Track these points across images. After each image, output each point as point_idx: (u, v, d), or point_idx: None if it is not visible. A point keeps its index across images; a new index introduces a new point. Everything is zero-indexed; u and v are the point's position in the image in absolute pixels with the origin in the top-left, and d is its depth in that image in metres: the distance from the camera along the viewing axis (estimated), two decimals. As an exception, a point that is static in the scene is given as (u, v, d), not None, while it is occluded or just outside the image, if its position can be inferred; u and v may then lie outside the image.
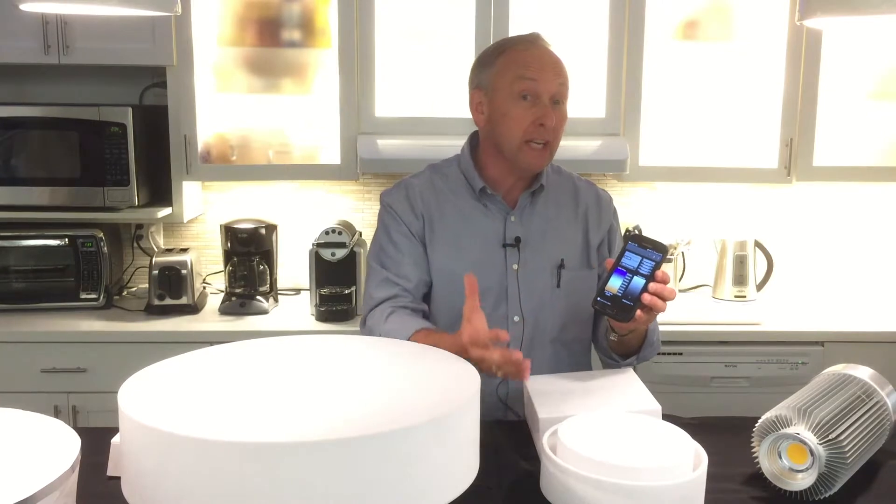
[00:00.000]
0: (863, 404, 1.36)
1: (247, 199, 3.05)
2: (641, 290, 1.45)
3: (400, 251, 1.71)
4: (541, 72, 1.63)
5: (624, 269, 1.47)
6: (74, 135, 2.65)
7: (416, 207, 1.72)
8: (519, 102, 1.64)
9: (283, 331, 2.48)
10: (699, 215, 3.11)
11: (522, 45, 1.67)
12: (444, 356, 1.20)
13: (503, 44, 1.71)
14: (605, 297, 1.48)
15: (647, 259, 1.47)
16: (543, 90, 1.63)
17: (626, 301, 1.46)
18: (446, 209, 1.73)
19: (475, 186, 1.72)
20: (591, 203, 1.80)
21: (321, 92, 2.78)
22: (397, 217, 1.73)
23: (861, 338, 2.63)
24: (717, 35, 2.81)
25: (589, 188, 1.82)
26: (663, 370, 2.60)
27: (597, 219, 1.79)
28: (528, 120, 1.63)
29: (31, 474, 0.94)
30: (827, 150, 2.84)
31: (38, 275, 2.76)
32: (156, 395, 1.01)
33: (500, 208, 1.73)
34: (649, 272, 1.46)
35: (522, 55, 1.66)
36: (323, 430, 0.91)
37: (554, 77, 1.64)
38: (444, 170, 1.78)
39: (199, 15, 2.69)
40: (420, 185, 1.75)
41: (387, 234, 1.73)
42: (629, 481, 1.13)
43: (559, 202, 1.77)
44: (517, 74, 1.64)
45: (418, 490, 0.94)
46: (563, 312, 1.73)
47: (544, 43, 1.70)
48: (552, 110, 1.64)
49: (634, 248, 1.48)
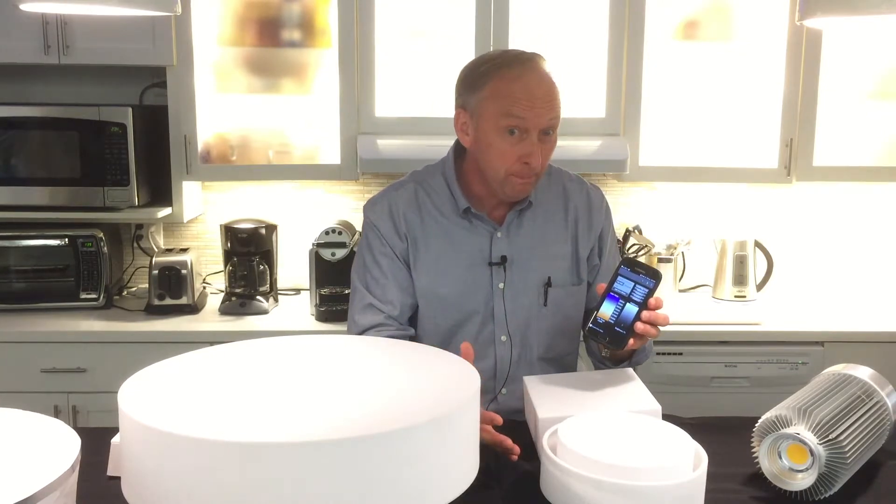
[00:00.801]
0: (863, 404, 1.36)
1: (247, 199, 3.05)
2: (634, 319, 1.44)
3: (384, 274, 1.67)
4: (531, 109, 1.51)
5: (616, 296, 1.46)
6: (74, 135, 2.65)
7: (400, 228, 1.67)
8: (505, 137, 1.54)
9: (283, 331, 2.48)
10: (699, 215, 3.11)
11: (514, 72, 1.53)
12: (444, 356, 1.19)
13: (492, 65, 1.57)
14: (597, 325, 1.47)
15: (639, 285, 1.45)
16: (532, 126, 1.52)
17: (618, 329, 1.45)
18: (431, 229, 1.67)
19: (460, 206, 1.66)
20: (582, 207, 1.73)
21: (321, 92, 2.78)
22: (381, 237, 1.67)
23: (861, 338, 2.63)
24: (717, 35, 2.81)
25: (580, 189, 1.75)
26: (663, 370, 2.60)
27: (587, 225, 1.73)
28: (515, 156, 1.54)
29: (31, 474, 0.94)
30: (827, 150, 2.84)
31: (38, 275, 2.76)
32: (156, 395, 1.01)
33: (486, 225, 1.67)
34: (642, 300, 1.44)
35: (512, 86, 1.52)
36: (323, 430, 0.91)
37: (545, 112, 1.53)
38: (429, 181, 1.70)
39: (199, 15, 2.69)
40: (404, 202, 1.68)
41: (371, 254, 1.69)
42: (629, 481, 1.13)
43: (548, 213, 1.70)
44: (504, 110, 1.52)
45: (418, 490, 0.94)
46: (549, 330, 1.70)
47: (538, 66, 1.55)
48: (541, 144, 1.55)
49: (627, 272, 1.46)
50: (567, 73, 2.78)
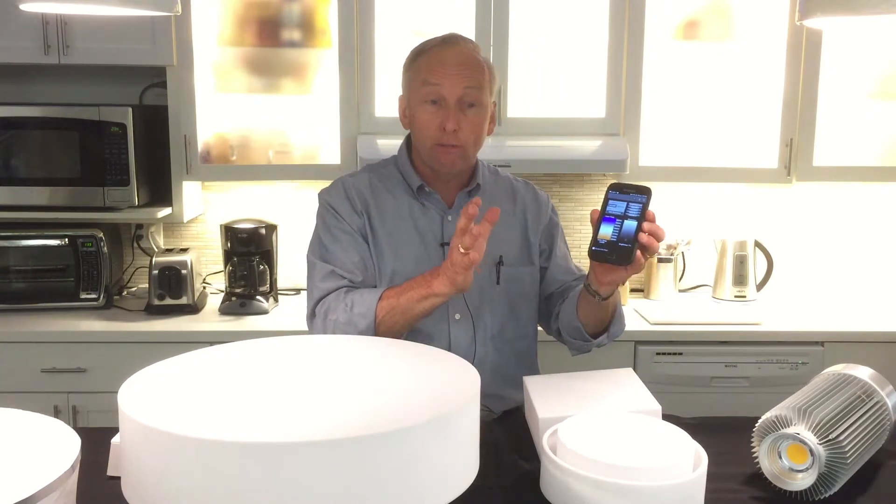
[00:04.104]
0: (863, 404, 1.36)
1: (247, 199, 3.05)
2: (636, 232, 1.43)
3: (343, 248, 1.69)
4: (444, 77, 1.62)
5: (612, 217, 1.45)
6: (74, 135, 2.65)
7: (356, 206, 1.71)
8: (426, 107, 1.64)
9: (283, 331, 2.47)
10: (699, 215, 3.11)
11: (432, 50, 1.66)
12: (444, 356, 1.19)
13: (418, 47, 1.70)
14: (600, 246, 1.45)
15: (632, 203, 1.45)
16: (448, 94, 1.62)
17: (623, 244, 1.43)
18: (385, 207, 1.72)
19: (412, 184, 1.72)
20: (530, 201, 1.81)
21: (321, 92, 2.78)
22: (338, 216, 1.70)
23: (861, 338, 2.63)
24: (717, 35, 2.81)
25: (527, 188, 1.84)
26: (663, 370, 2.60)
27: (535, 216, 1.80)
28: (435, 125, 1.63)
29: (31, 474, 0.94)
30: (827, 150, 2.84)
31: (38, 275, 2.76)
32: (156, 395, 1.01)
33: (437, 207, 1.73)
34: (638, 214, 1.44)
35: (429, 60, 1.65)
36: (323, 430, 0.91)
37: (459, 80, 1.62)
38: (381, 170, 1.78)
39: (199, 15, 2.70)
40: (358, 183, 1.74)
41: (328, 233, 1.71)
42: (629, 481, 1.13)
43: (496, 201, 1.75)
44: (423, 80, 1.64)
45: (418, 490, 0.94)
46: (503, 309, 1.74)
47: (456, 43, 1.67)
48: (458, 114, 1.62)
49: (616, 195, 1.46)
50: (567, 73, 2.78)
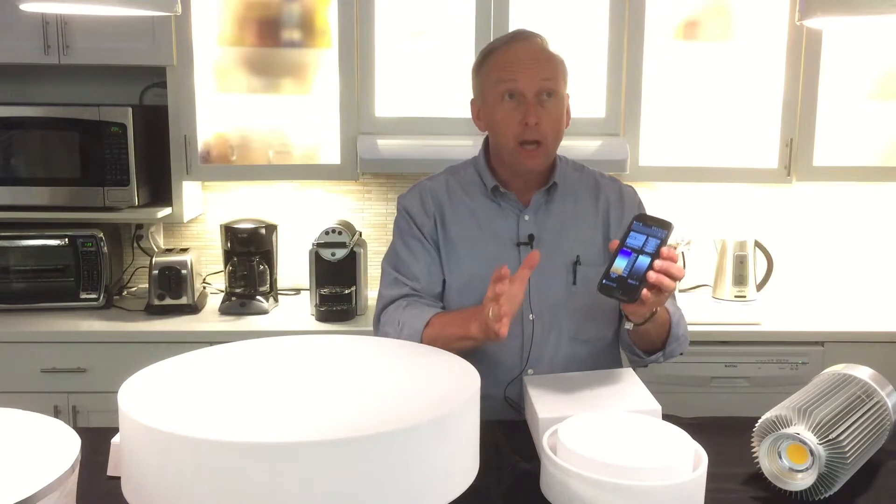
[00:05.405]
0: (863, 404, 1.36)
1: (247, 199, 3.05)
2: (647, 269, 1.40)
3: (412, 255, 1.73)
4: (519, 71, 1.62)
5: (629, 250, 1.42)
6: (74, 135, 2.65)
7: (429, 208, 1.74)
8: (504, 105, 1.63)
9: (283, 331, 2.47)
10: (699, 215, 3.11)
11: (502, 48, 1.66)
12: (444, 356, 1.20)
13: (487, 48, 1.71)
14: (610, 279, 1.42)
15: (651, 237, 1.42)
16: (526, 88, 1.61)
17: (631, 281, 1.40)
18: (459, 209, 1.74)
19: (488, 185, 1.73)
20: (614, 199, 1.77)
21: (321, 92, 2.78)
22: (411, 220, 1.75)
23: (861, 338, 2.63)
24: (717, 35, 2.81)
25: (612, 184, 1.80)
26: (663, 370, 2.59)
27: (619, 214, 1.75)
28: (515, 121, 1.62)
29: (31, 474, 0.94)
30: (827, 150, 2.84)
31: (38, 275, 2.76)
32: (156, 395, 1.01)
33: (513, 207, 1.73)
34: (654, 250, 1.41)
35: (501, 57, 1.65)
36: (323, 430, 0.91)
37: (535, 73, 1.62)
38: (461, 171, 1.80)
39: (199, 15, 2.69)
40: (434, 186, 1.77)
41: (401, 238, 1.76)
42: (629, 481, 1.13)
43: (578, 198, 1.75)
44: (498, 77, 1.64)
45: (418, 490, 0.94)
46: (580, 311, 1.71)
47: (525, 38, 1.67)
48: (539, 106, 1.62)
49: (639, 227, 1.44)
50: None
